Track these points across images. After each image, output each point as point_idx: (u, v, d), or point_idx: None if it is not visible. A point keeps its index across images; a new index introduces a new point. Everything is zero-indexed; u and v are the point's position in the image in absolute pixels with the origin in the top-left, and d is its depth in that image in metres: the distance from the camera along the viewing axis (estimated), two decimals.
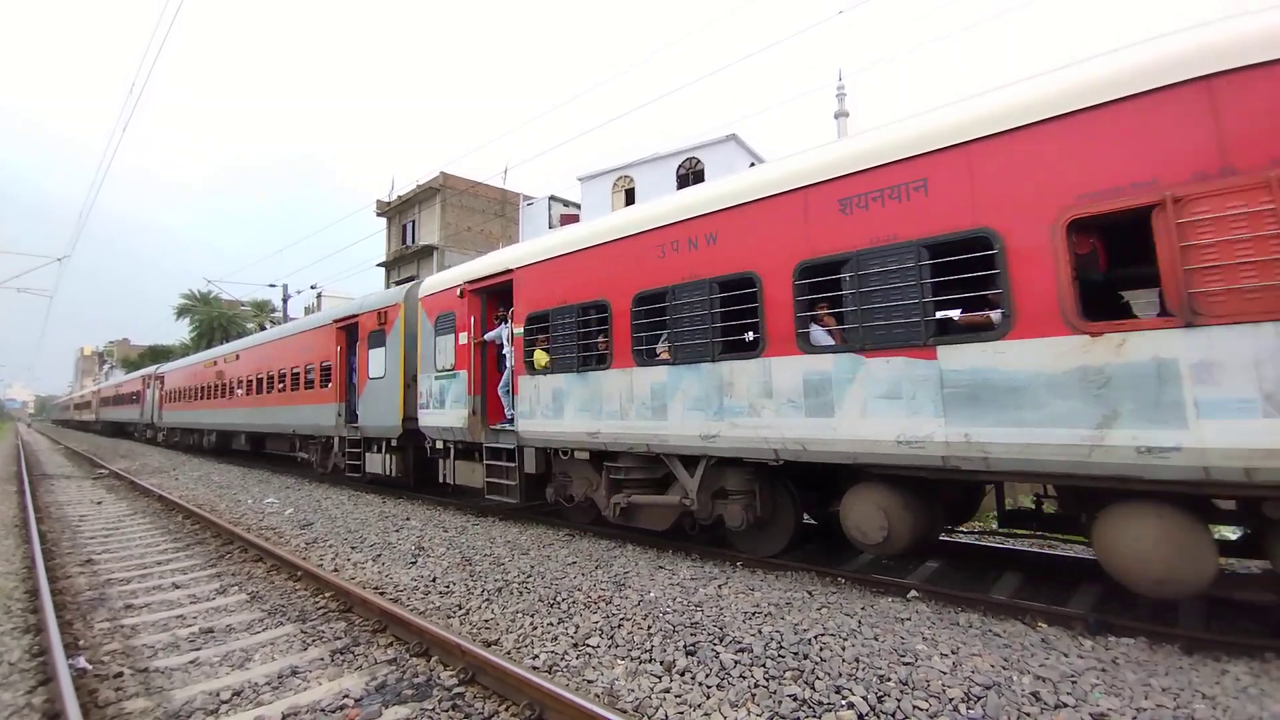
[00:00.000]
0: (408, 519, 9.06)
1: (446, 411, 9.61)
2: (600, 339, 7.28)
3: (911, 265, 4.85)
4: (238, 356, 19.48)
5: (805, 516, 6.66)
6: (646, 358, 6.76)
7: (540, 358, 7.95)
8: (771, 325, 5.69)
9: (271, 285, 30.15)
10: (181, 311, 48.30)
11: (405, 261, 33.04)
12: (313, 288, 30.25)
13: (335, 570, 6.50)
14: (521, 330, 8.29)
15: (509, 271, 8.60)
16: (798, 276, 5.53)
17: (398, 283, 25.94)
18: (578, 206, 27.93)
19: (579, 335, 7.44)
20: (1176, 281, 3.82)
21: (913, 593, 5.25)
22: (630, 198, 25.03)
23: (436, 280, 10.51)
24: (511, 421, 8.57)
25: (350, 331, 12.99)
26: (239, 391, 19.03)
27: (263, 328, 35.66)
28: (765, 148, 23.83)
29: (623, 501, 7.16)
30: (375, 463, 11.90)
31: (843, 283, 5.27)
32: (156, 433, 29.14)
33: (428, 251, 31.38)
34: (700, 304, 6.21)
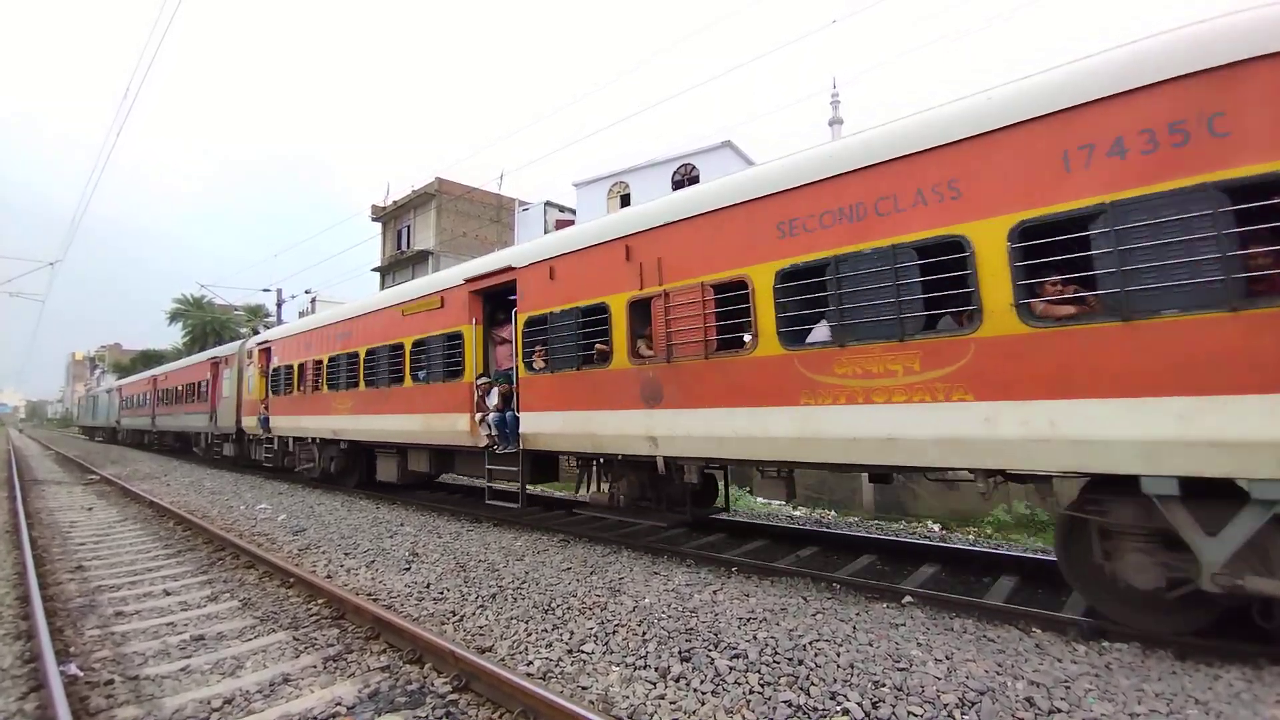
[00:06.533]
0: (401, 525, 9.02)
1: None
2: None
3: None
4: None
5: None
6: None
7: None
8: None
9: (266, 290, 30.03)
10: (174, 316, 48.05)
11: (400, 266, 32.97)
12: (307, 292, 30.14)
13: (328, 577, 6.46)
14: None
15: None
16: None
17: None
18: (573, 212, 27.94)
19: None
20: None
21: (908, 598, 5.26)
22: (626, 204, 25.06)
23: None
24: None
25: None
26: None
27: (255, 332, 35.53)
28: (761, 154, 23.94)
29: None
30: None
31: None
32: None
33: (422, 257, 31.32)
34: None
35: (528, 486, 8.51)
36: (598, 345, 7.05)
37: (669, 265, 6.34)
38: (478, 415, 8.64)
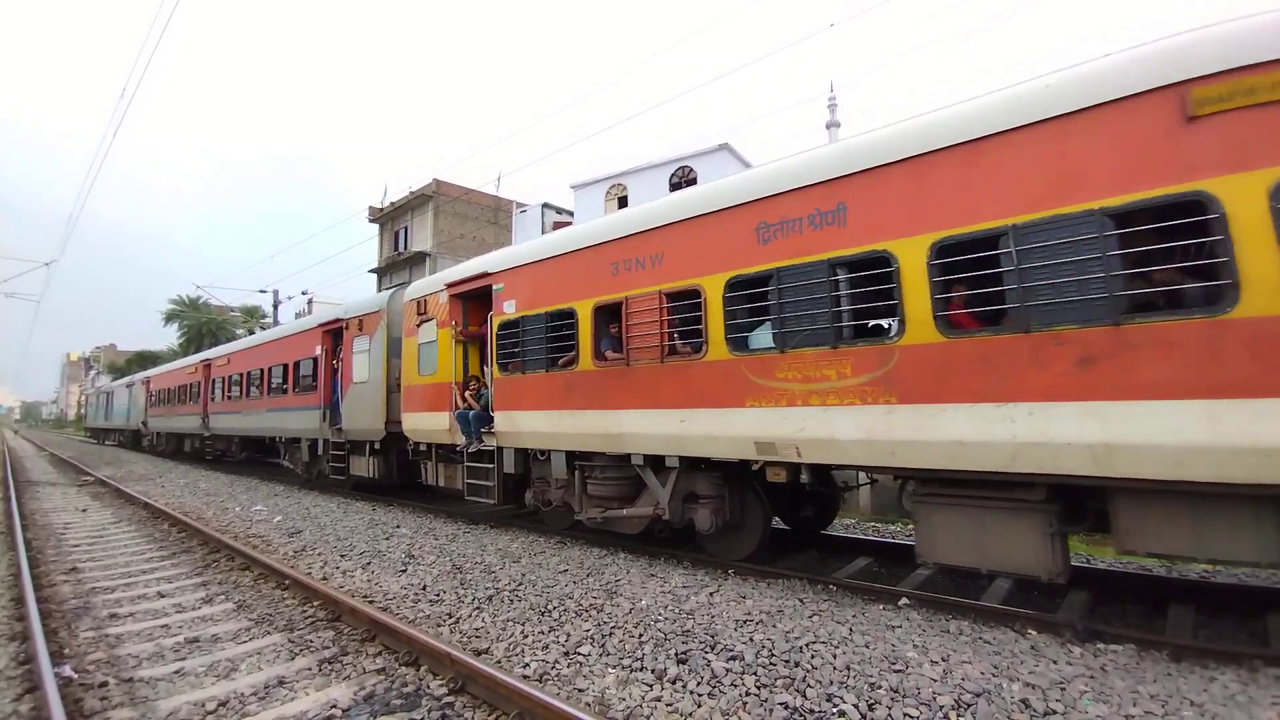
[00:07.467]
0: (398, 526, 9.00)
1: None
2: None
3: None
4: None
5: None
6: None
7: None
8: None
9: (262, 291, 29.98)
10: (170, 317, 47.90)
11: (397, 268, 32.94)
12: (304, 293, 30.07)
13: (324, 578, 6.45)
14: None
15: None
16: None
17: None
18: (571, 214, 27.98)
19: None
20: None
21: (904, 600, 5.27)
22: (623, 206, 25.10)
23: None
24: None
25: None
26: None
27: (251, 333, 35.43)
28: (759, 156, 24.02)
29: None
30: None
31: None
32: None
33: (420, 258, 31.30)
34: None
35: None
36: None
37: None
38: None
